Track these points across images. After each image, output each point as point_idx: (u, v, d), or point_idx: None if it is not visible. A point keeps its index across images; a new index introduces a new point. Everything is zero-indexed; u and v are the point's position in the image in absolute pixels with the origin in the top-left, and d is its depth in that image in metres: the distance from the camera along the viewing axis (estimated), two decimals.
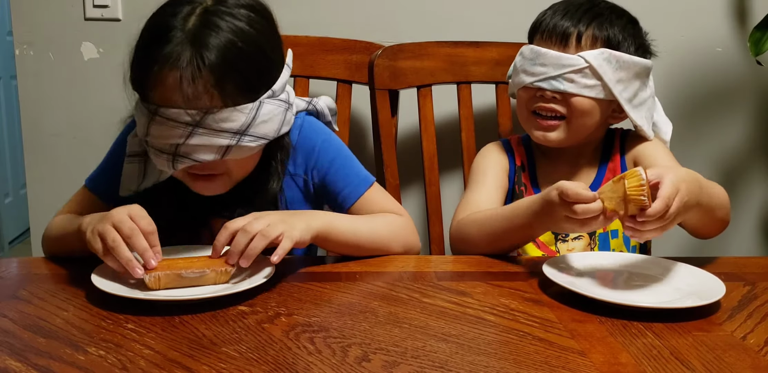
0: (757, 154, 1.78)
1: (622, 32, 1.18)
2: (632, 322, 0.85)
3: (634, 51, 1.19)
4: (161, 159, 0.99)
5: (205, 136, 0.95)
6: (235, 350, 0.76)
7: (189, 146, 0.96)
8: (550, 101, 1.18)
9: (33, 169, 1.68)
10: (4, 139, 3.28)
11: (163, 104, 0.95)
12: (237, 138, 0.97)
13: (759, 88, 1.74)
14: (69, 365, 0.72)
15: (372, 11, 1.64)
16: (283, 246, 0.92)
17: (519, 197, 1.26)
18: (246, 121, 0.97)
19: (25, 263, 1.08)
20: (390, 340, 0.79)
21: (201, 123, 0.94)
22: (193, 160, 0.98)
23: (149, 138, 0.98)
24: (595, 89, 1.16)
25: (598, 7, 1.20)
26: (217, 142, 0.96)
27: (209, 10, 0.97)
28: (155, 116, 0.95)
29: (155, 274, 0.89)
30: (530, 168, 1.29)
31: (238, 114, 0.96)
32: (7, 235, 3.26)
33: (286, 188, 1.14)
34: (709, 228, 1.10)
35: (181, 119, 0.94)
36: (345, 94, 1.54)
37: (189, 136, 0.95)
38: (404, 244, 1.11)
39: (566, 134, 1.20)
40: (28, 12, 1.61)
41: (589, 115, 1.18)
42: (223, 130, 0.96)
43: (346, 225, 1.05)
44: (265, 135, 1.00)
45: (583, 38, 1.16)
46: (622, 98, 1.17)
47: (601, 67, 1.14)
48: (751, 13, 1.69)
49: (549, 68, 1.16)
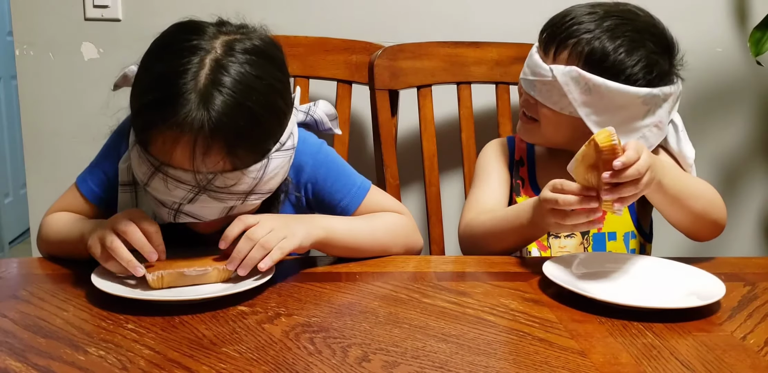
0: (757, 154, 1.78)
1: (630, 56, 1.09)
2: (632, 322, 0.85)
3: (641, 77, 1.10)
4: (162, 211, 0.96)
5: (210, 199, 0.93)
6: (235, 350, 0.76)
7: (193, 205, 0.94)
8: (528, 102, 1.19)
9: (33, 169, 1.68)
10: (4, 139, 3.28)
11: (168, 163, 0.90)
12: (243, 198, 0.95)
13: (759, 88, 1.74)
14: (69, 365, 0.72)
15: (372, 11, 1.64)
16: (271, 256, 0.92)
17: (516, 189, 1.26)
18: (253, 183, 0.94)
19: (25, 263, 1.08)
20: (390, 340, 0.79)
21: (207, 186, 0.91)
22: (196, 219, 0.96)
23: (150, 189, 0.94)
24: (560, 104, 1.13)
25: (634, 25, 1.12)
26: (222, 204, 0.94)
27: (220, 63, 0.90)
28: (158, 173, 0.91)
29: (158, 273, 0.89)
30: (529, 163, 1.29)
31: (246, 177, 0.93)
32: (7, 235, 3.26)
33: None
34: (696, 226, 1.09)
35: (187, 182, 0.91)
36: (345, 94, 1.54)
37: (193, 199, 0.92)
38: (405, 243, 1.12)
39: (539, 137, 1.21)
40: (29, 12, 1.61)
41: (554, 125, 1.16)
42: (231, 193, 0.93)
43: (346, 229, 1.05)
44: (270, 190, 0.99)
45: (562, 52, 1.12)
46: (590, 121, 1.12)
47: (567, 85, 1.10)
48: (751, 14, 1.69)
49: (528, 68, 1.18)
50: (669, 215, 1.09)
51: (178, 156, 0.89)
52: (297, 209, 1.13)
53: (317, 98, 1.64)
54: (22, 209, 3.00)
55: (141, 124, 0.92)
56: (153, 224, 0.92)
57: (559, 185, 0.97)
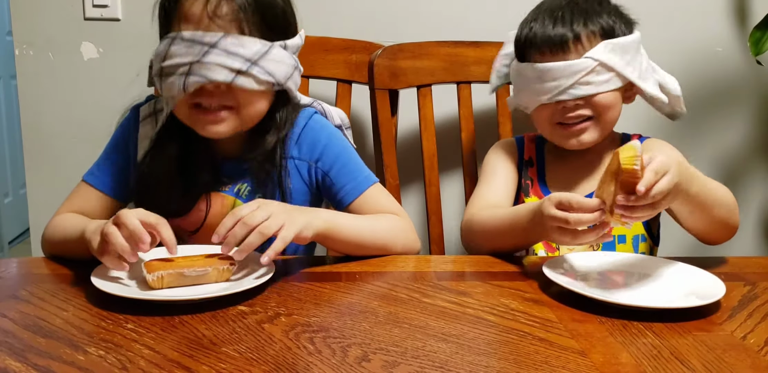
0: (757, 154, 1.78)
1: (609, 18, 1.17)
2: (632, 322, 0.85)
3: (625, 29, 1.19)
4: (174, 82, 1.02)
5: (218, 56, 1.00)
6: (235, 350, 0.76)
7: (203, 64, 1.00)
8: (575, 109, 1.17)
9: (33, 169, 1.68)
10: (4, 139, 3.28)
11: (187, 29, 1.01)
12: (248, 65, 1.02)
13: (759, 88, 1.74)
14: (69, 365, 0.72)
15: (372, 11, 1.64)
16: (274, 247, 0.92)
17: (525, 189, 1.26)
18: (259, 52, 1.02)
19: (25, 263, 1.08)
20: (390, 340, 0.79)
21: (218, 44, 1.00)
22: (205, 78, 1.00)
23: (166, 62, 1.02)
24: (612, 82, 1.16)
25: (578, 2, 1.19)
26: (230, 64, 1.01)
27: None
28: (176, 39, 1.01)
29: (157, 273, 0.89)
30: (539, 163, 1.29)
31: (253, 43, 1.02)
32: (7, 235, 3.26)
33: (290, 176, 1.15)
34: (713, 231, 1.09)
35: (200, 39, 1.00)
36: (345, 94, 1.54)
37: (205, 55, 1.00)
38: (404, 244, 1.12)
39: (598, 132, 1.20)
40: (28, 12, 1.61)
41: (614, 106, 1.19)
42: (237, 54, 1.01)
43: (349, 223, 1.05)
44: (273, 74, 1.05)
45: (582, 39, 1.15)
46: (634, 77, 1.18)
47: (610, 60, 1.15)
48: (751, 13, 1.69)
49: (561, 80, 1.15)
50: (687, 222, 1.08)
51: (195, 17, 1.01)
52: (308, 186, 1.16)
53: (318, 98, 1.64)
54: (21, 208, 3.00)
55: (167, 6, 1.05)
56: (159, 218, 0.92)
57: (567, 202, 0.94)
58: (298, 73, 1.13)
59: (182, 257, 0.94)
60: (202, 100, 1.04)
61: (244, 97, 1.05)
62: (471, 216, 1.18)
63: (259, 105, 1.08)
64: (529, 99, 1.21)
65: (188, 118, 1.07)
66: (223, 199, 1.15)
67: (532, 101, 1.20)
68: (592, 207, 0.92)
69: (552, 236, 0.98)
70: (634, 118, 1.55)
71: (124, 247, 0.88)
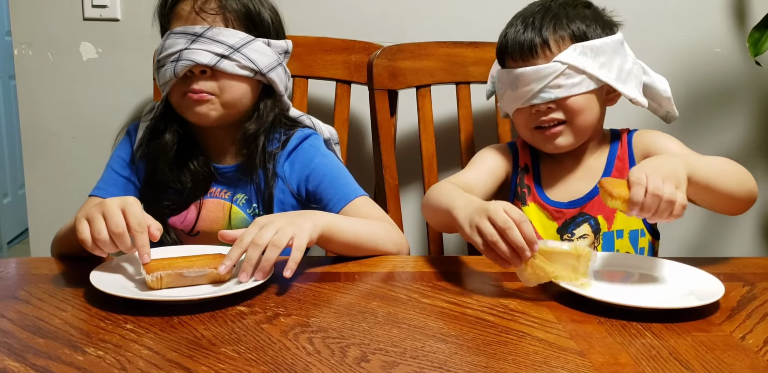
0: (756, 154, 1.78)
1: (582, 22, 1.18)
2: (631, 322, 0.85)
3: (602, 32, 1.19)
4: (167, 69, 1.13)
5: (204, 43, 1.12)
6: (234, 350, 0.76)
7: (190, 50, 1.11)
8: (548, 112, 1.18)
9: (32, 170, 1.68)
10: (3, 139, 3.27)
11: (178, 25, 1.15)
12: (230, 51, 1.13)
13: (758, 88, 1.74)
14: (68, 365, 0.72)
15: (371, 11, 1.64)
16: (293, 258, 0.92)
17: (521, 198, 1.26)
18: (240, 41, 1.14)
19: (24, 263, 1.08)
20: (389, 340, 0.79)
21: (204, 34, 1.12)
22: (192, 61, 1.11)
23: (161, 54, 1.14)
24: (583, 85, 1.16)
25: (551, 8, 1.20)
26: (214, 49, 1.12)
27: None
28: (170, 35, 1.14)
29: (157, 273, 0.89)
30: (534, 170, 1.29)
31: (235, 34, 1.14)
32: (6, 235, 3.26)
33: (282, 191, 1.21)
34: (733, 205, 1.08)
35: (189, 31, 1.13)
36: (344, 94, 1.54)
37: (192, 42, 1.12)
38: (398, 243, 1.13)
39: (573, 136, 1.20)
40: (27, 12, 1.61)
41: (588, 109, 1.19)
42: (221, 42, 1.12)
43: (347, 224, 1.06)
44: (255, 62, 1.15)
45: (550, 43, 1.16)
46: (611, 80, 1.18)
47: (580, 63, 1.15)
48: (750, 14, 1.69)
49: (533, 85, 1.17)
50: (704, 202, 1.07)
51: (185, 14, 1.15)
52: (297, 200, 1.21)
53: (317, 98, 1.65)
54: (20, 209, 3.00)
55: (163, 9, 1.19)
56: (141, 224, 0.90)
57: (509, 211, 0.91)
58: (283, 70, 1.22)
59: (181, 257, 0.94)
60: (191, 85, 1.14)
61: (226, 82, 1.14)
62: (434, 186, 1.19)
63: (240, 89, 1.16)
64: (508, 104, 1.23)
65: (179, 105, 1.17)
66: (221, 204, 1.21)
67: (510, 106, 1.23)
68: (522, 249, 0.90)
69: (472, 232, 0.95)
70: (633, 118, 1.55)
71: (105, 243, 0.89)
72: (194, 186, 1.20)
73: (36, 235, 1.70)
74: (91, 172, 1.65)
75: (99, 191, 1.20)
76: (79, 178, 1.66)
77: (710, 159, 1.06)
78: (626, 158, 1.24)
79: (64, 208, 1.63)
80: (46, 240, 1.29)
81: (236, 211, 1.20)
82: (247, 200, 1.21)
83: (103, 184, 1.21)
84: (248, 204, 1.21)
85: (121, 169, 1.23)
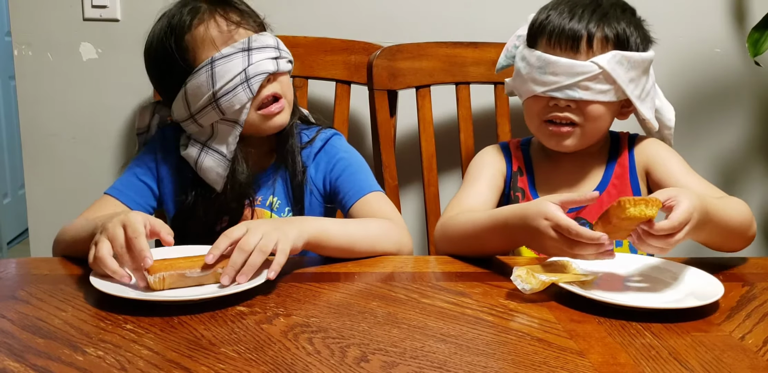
0: (756, 154, 1.78)
1: (628, 28, 1.15)
2: (631, 322, 0.85)
3: (640, 44, 1.17)
4: (238, 95, 1.12)
5: (260, 53, 1.14)
6: (234, 350, 0.76)
7: (253, 66, 1.13)
8: (565, 110, 1.16)
9: (31, 170, 1.68)
10: (3, 139, 3.28)
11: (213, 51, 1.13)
12: (278, 52, 1.17)
13: (758, 88, 1.74)
14: (67, 365, 0.72)
15: (371, 11, 1.64)
16: (278, 261, 0.92)
17: (515, 202, 1.24)
18: (275, 41, 1.18)
19: (24, 263, 1.08)
20: (389, 340, 0.79)
21: (250, 46, 1.14)
22: (263, 72, 1.13)
23: (217, 85, 1.12)
24: (609, 93, 1.14)
25: (602, 4, 1.17)
26: (270, 54, 1.15)
27: None
28: (215, 62, 1.12)
29: (159, 274, 0.89)
30: (528, 172, 1.27)
31: (267, 35, 1.17)
32: (6, 235, 3.26)
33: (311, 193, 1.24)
34: (730, 245, 1.10)
35: (239, 48, 1.13)
36: (344, 94, 1.54)
37: (249, 57, 1.13)
38: (397, 242, 1.12)
39: (580, 140, 1.19)
40: (27, 12, 1.61)
41: (602, 119, 1.18)
42: (268, 46, 1.16)
43: (338, 229, 1.05)
44: (289, 56, 1.21)
45: (594, 41, 1.13)
46: (633, 96, 1.16)
47: (614, 71, 1.13)
48: (750, 14, 1.69)
49: (561, 77, 1.13)
50: (710, 243, 1.08)
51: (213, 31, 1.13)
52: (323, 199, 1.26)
53: (317, 98, 1.65)
54: (20, 209, 3.00)
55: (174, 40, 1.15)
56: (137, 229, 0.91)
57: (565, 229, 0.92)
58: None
59: (183, 258, 0.94)
60: (263, 99, 1.16)
61: (286, 87, 1.20)
62: (447, 219, 1.15)
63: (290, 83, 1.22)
64: (525, 87, 1.19)
65: (255, 119, 1.17)
66: (261, 213, 1.23)
67: (527, 90, 1.18)
68: (591, 237, 0.90)
69: (548, 251, 0.97)
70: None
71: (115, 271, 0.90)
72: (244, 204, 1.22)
73: (36, 235, 1.70)
74: (91, 172, 1.66)
75: (115, 191, 1.19)
76: (79, 178, 1.66)
77: (728, 204, 1.06)
78: (626, 165, 1.23)
79: (64, 208, 1.63)
80: (46, 240, 1.30)
81: (275, 217, 1.23)
82: (281, 203, 1.24)
83: (121, 185, 1.20)
84: (282, 208, 1.24)
85: (143, 175, 1.22)
